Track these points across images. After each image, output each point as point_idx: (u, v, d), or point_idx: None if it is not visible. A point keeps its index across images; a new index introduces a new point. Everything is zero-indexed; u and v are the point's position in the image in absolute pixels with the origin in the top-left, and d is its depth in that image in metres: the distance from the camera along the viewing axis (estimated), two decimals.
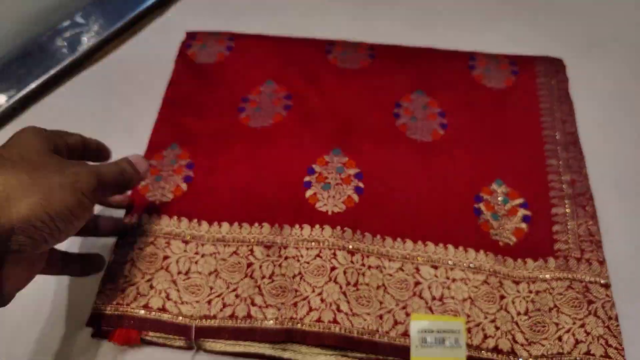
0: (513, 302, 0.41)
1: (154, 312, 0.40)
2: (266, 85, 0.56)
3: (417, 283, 0.42)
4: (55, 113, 0.57)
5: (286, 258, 0.43)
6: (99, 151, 0.40)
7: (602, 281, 0.42)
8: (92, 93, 0.59)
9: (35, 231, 0.28)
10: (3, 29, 0.60)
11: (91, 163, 0.35)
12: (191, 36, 0.61)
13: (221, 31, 0.62)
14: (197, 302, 0.41)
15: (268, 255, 0.43)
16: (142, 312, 0.40)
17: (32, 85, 0.58)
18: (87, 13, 0.65)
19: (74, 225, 0.31)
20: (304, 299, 0.41)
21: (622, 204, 0.49)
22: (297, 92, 0.55)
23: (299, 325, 0.39)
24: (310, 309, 0.40)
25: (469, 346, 0.39)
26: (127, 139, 0.50)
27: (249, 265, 0.43)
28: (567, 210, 0.46)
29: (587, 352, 0.39)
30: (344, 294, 0.41)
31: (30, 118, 0.57)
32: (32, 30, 0.63)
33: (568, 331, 0.40)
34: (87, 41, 0.62)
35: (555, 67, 0.57)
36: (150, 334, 0.40)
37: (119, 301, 0.41)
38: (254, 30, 0.62)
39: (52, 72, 0.59)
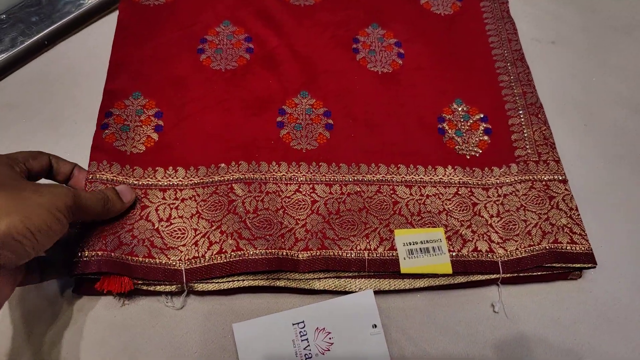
0: (485, 207, 0.44)
1: (140, 259, 0.39)
2: (223, 27, 0.55)
3: (395, 202, 0.44)
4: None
5: (267, 193, 0.43)
6: (71, 177, 0.41)
7: (559, 177, 0.46)
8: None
9: (18, 245, 0.30)
10: None
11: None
12: None
13: None
14: (183, 245, 0.40)
15: (249, 192, 0.43)
16: (128, 258, 0.39)
17: None
18: None
19: (52, 238, 0.33)
20: (290, 231, 0.41)
21: (565, 110, 0.53)
22: (257, 34, 0.54)
23: (289, 255, 0.40)
24: (297, 240, 0.41)
25: (451, 252, 0.42)
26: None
27: (231, 202, 0.42)
28: (522, 119, 0.50)
29: (555, 241, 0.42)
30: (328, 222, 0.42)
31: None
32: None
33: (535, 225, 0.43)
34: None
35: None
36: (139, 282, 0.39)
37: (100, 247, 0.38)
38: None
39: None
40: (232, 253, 0.40)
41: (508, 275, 0.42)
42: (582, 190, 0.47)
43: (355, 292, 0.41)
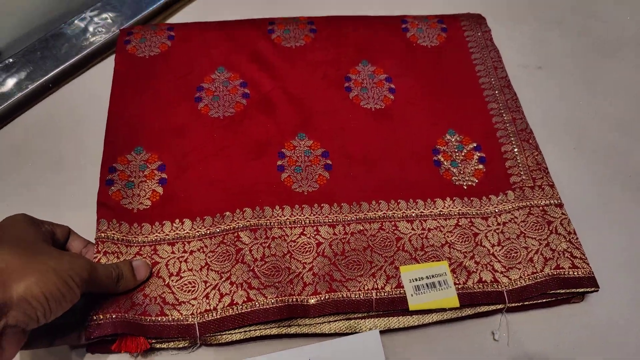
0: (486, 236, 0.45)
1: (152, 318, 0.40)
2: (218, 73, 0.55)
3: (398, 238, 0.45)
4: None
5: (273, 238, 0.44)
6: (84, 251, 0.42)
7: (555, 202, 0.47)
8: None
9: (30, 309, 0.31)
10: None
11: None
12: (127, 32, 0.58)
13: (157, 23, 0.60)
14: (194, 299, 0.41)
15: (256, 239, 0.44)
16: (142, 318, 0.39)
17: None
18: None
19: (63, 307, 0.33)
20: (297, 276, 0.42)
21: (554, 133, 0.54)
22: (252, 78, 0.55)
23: (298, 301, 0.41)
24: (305, 284, 0.42)
25: (456, 285, 0.43)
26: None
27: (238, 251, 0.43)
28: (515, 146, 0.51)
29: (557, 267, 0.43)
30: (334, 264, 0.43)
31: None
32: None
33: (537, 252, 0.44)
34: None
35: (477, 20, 0.62)
36: (152, 340, 0.40)
37: (115, 309, 0.39)
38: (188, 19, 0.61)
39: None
40: (243, 305, 0.40)
41: (513, 305, 0.43)
42: (575, 211, 0.48)
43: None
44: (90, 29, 0.60)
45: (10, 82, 0.56)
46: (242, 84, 0.55)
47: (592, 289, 0.43)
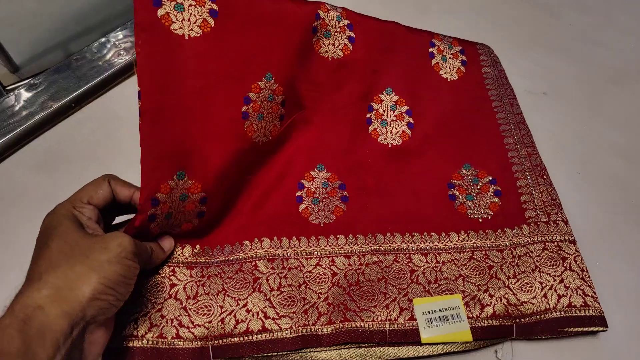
0: (502, 269, 0.46)
1: (169, 341, 0.41)
2: (265, 81, 0.46)
3: (412, 271, 0.45)
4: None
5: (289, 269, 0.45)
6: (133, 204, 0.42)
7: (569, 238, 0.47)
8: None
9: (102, 303, 0.33)
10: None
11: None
12: None
13: None
14: (209, 322, 0.42)
15: (273, 268, 0.45)
16: (158, 341, 0.40)
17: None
18: None
19: (130, 285, 0.36)
20: (313, 306, 0.43)
21: (558, 159, 0.55)
22: (289, 97, 0.50)
23: (313, 331, 0.41)
24: (320, 314, 0.42)
25: (469, 318, 0.43)
26: None
27: (255, 279, 0.44)
28: (530, 180, 0.51)
29: (570, 305, 0.44)
30: (349, 294, 0.44)
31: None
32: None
33: (551, 288, 0.45)
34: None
35: (493, 56, 0.63)
36: None
37: (132, 333, 0.40)
38: None
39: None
40: (259, 334, 0.41)
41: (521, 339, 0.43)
42: (577, 236, 0.48)
43: None
44: (112, 49, 0.63)
45: (34, 102, 0.58)
46: (282, 103, 0.49)
47: (602, 329, 0.43)
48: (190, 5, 0.42)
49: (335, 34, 0.54)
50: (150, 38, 0.39)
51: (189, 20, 0.42)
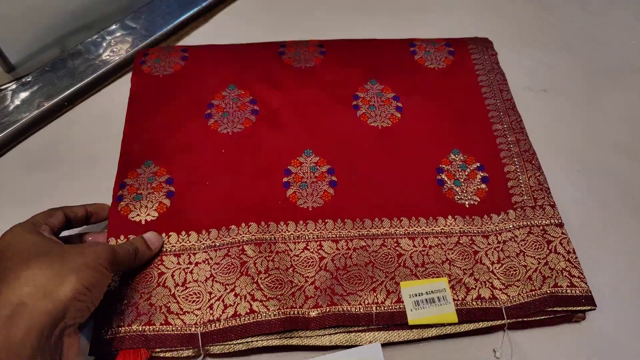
0: (486, 254, 0.46)
1: (157, 327, 0.41)
2: (228, 90, 0.57)
3: (399, 255, 0.46)
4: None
5: (277, 253, 0.45)
6: (89, 216, 0.45)
7: (556, 221, 0.48)
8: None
9: (81, 304, 0.34)
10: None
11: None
12: (143, 53, 0.61)
13: (172, 45, 0.63)
14: (198, 309, 0.42)
15: (260, 252, 0.45)
16: (146, 328, 0.41)
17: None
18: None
19: (102, 290, 0.37)
20: (300, 289, 0.43)
21: (559, 155, 0.55)
22: (260, 96, 0.57)
23: (300, 313, 0.42)
24: (307, 298, 0.43)
25: (455, 300, 0.43)
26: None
27: (243, 263, 0.45)
28: (517, 166, 0.52)
29: (555, 285, 0.44)
30: (336, 278, 0.44)
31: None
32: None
33: (535, 270, 0.45)
34: None
35: (484, 43, 0.63)
36: (157, 349, 0.41)
37: (119, 323, 0.41)
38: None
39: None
40: (246, 316, 0.42)
41: (513, 320, 0.43)
42: (578, 233, 0.48)
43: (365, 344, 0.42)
44: (106, 48, 0.64)
45: (27, 100, 0.58)
46: (251, 101, 0.57)
47: (590, 308, 0.43)
48: (167, 56, 0.61)
49: (305, 52, 0.62)
50: (138, 80, 0.58)
51: (164, 66, 0.60)
